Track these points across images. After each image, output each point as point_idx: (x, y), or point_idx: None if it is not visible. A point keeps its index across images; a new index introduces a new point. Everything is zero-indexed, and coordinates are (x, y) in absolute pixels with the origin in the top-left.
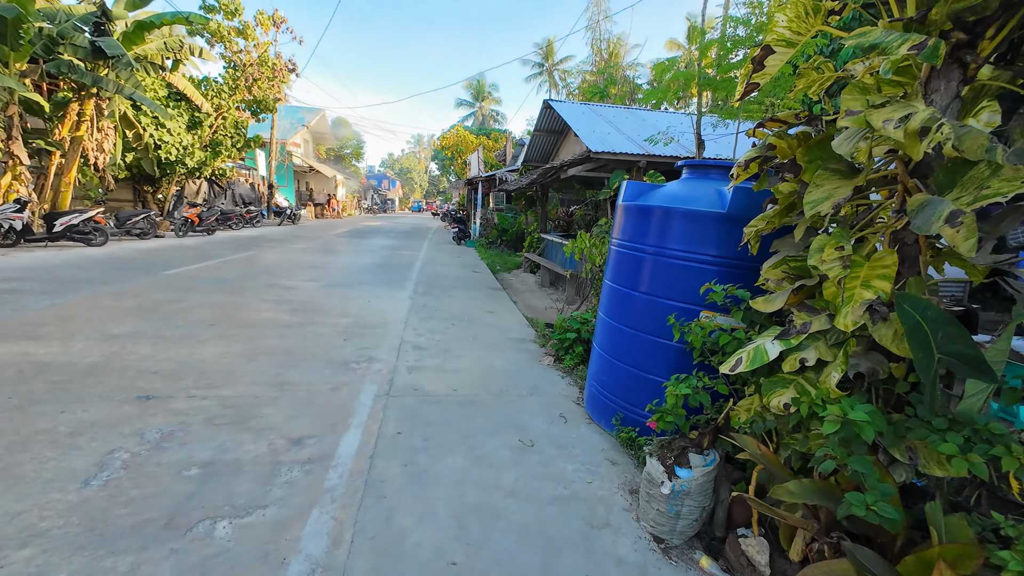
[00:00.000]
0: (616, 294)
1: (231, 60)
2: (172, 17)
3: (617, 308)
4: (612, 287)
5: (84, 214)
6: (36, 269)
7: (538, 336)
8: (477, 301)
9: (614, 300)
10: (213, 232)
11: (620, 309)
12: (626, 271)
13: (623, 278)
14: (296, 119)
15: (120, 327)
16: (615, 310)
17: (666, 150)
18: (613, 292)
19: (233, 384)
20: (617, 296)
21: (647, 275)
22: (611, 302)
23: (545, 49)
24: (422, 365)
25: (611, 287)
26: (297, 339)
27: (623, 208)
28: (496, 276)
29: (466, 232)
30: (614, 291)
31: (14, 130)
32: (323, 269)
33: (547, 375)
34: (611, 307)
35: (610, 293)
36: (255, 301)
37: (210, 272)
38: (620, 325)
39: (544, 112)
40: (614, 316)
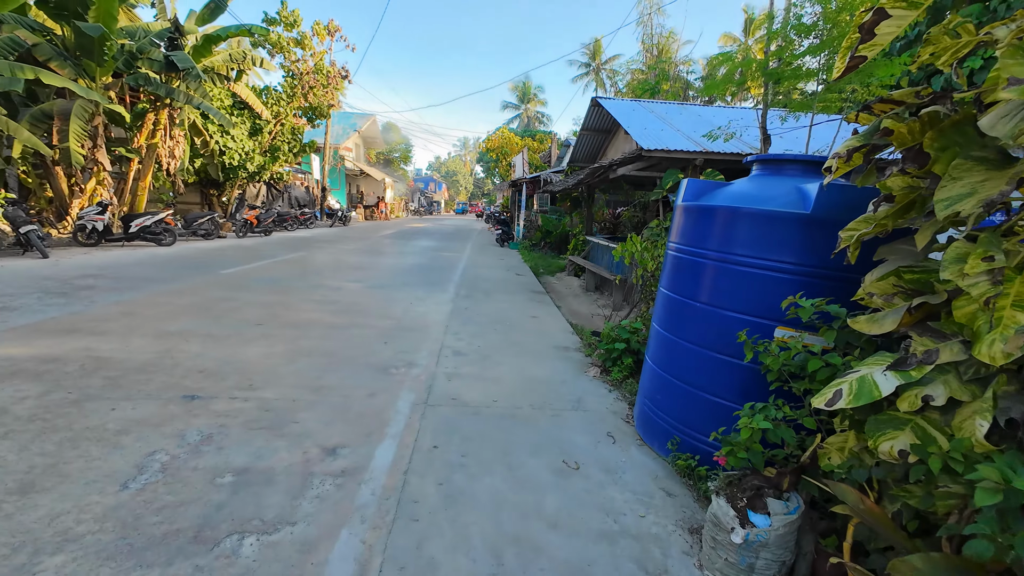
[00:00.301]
0: (672, 303)
1: (289, 69)
2: (236, 30)
3: (673, 319)
4: (668, 295)
5: (156, 216)
6: (111, 267)
7: (583, 345)
8: (519, 305)
9: (670, 310)
10: (270, 233)
11: (677, 320)
12: (684, 278)
13: (681, 286)
14: (348, 124)
15: (175, 324)
16: (671, 321)
17: (726, 147)
18: (669, 301)
19: (274, 386)
20: (673, 306)
21: (709, 283)
22: (666, 312)
23: (592, 48)
24: (461, 372)
25: (666, 295)
26: (339, 341)
27: (682, 209)
28: (539, 279)
29: (509, 234)
30: (670, 300)
31: (99, 139)
32: (368, 270)
33: (593, 388)
34: (666, 317)
35: (665, 302)
36: (301, 301)
37: (262, 272)
38: (677, 338)
39: (591, 110)
40: (670, 328)
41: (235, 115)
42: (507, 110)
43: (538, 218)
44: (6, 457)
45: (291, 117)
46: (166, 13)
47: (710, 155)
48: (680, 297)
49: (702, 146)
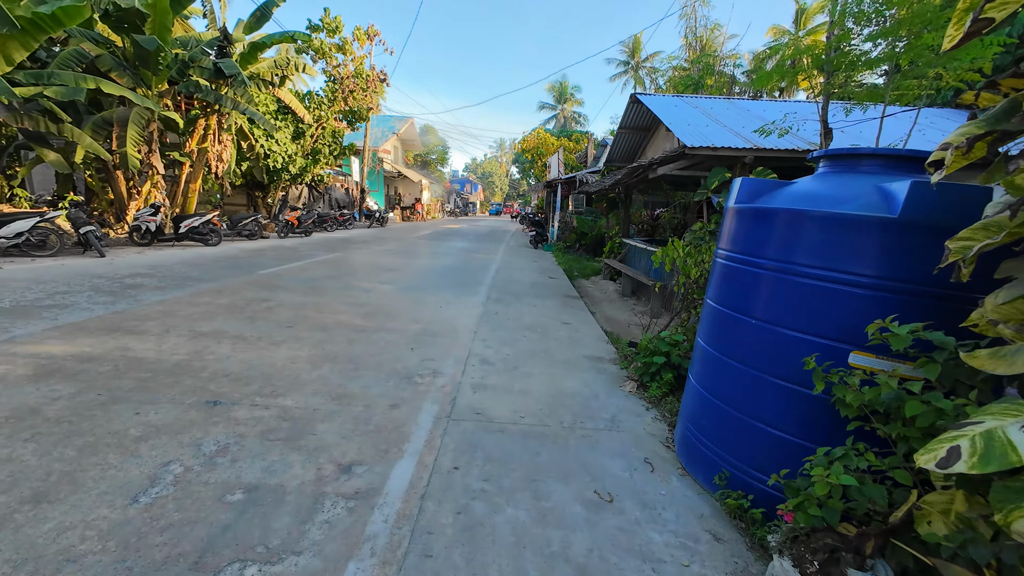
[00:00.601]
0: (721, 318)
1: (331, 74)
2: (280, 36)
3: (722, 335)
4: (715, 308)
5: (203, 217)
6: (159, 266)
7: (619, 356)
8: (551, 310)
9: (718, 325)
10: (310, 234)
11: (726, 337)
12: (736, 290)
13: (731, 298)
14: (387, 127)
15: (209, 325)
16: (719, 337)
17: (780, 143)
18: (716, 315)
19: (295, 393)
20: (722, 320)
21: (766, 297)
22: (714, 327)
23: (631, 46)
24: (488, 383)
25: (714, 308)
26: (365, 346)
27: (734, 212)
28: (573, 283)
29: (543, 235)
30: (718, 314)
31: (153, 144)
32: (401, 271)
33: (628, 405)
34: (714, 333)
35: (712, 316)
36: (333, 302)
37: (298, 272)
38: (725, 357)
39: (630, 107)
40: (718, 345)
41: (279, 119)
42: (543, 110)
43: (573, 219)
44: (28, 462)
45: (332, 120)
46: (216, 23)
47: (761, 152)
48: (730, 311)
49: (752, 142)
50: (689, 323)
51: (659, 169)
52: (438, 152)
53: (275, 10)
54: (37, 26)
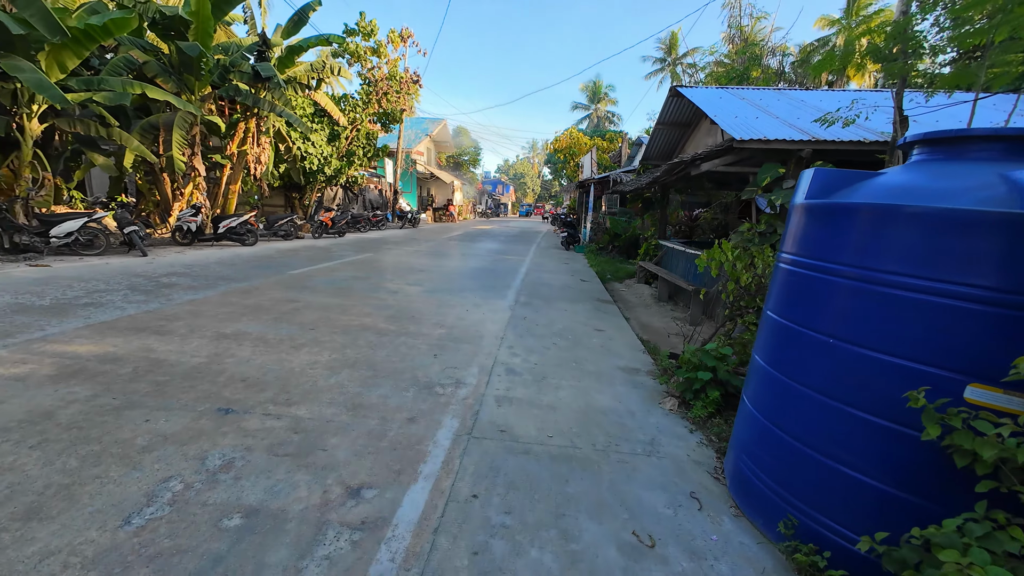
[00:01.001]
0: (784, 333)
1: (366, 77)
2: (316, 40)
3: (786, 353)
4: (777, 322)
5: (240, 218)
6: (196, 265)
7: (656, 369)
8: (583, 316)
9: (780, 341)
10: (343, 234)
11: (792, 356)
12: (804, 301)
13: (798, 311)
14: (420, 129)
15: (233, 326)
16: (782, 356)
17: (843, 134)
18: (779, 329)
19: (310, 402)
20: (786, 336)
21: (844, 311)
22: (775, 343)
23: (668, 42)
24: (513, 396)
25: (775, 322)
26: (386, 351)
27: (803, 210)
28: (606, 286)
29: (575, 237)
30: (780, 328)
31: (196, 147)
32: (429, 273)
33: (669, 425)
34: (775, 350)
35: (773, 330)
36: (358, 304)
37: (328, 273)
38: (791, 380)
39: (669, 101)
40: (780, 364)
41: (315, 122)
42: (576, 110)
43: (606, 220)
44: (30, 472)
45: (366, 123)
46: (256, 28)
47: (821, 145)
48: (796, 326)
49: (810, 134)
50: (735, 333)
51: (702, 165)
52: (470, 153)
53: (312, 14)
54: (88, 35)
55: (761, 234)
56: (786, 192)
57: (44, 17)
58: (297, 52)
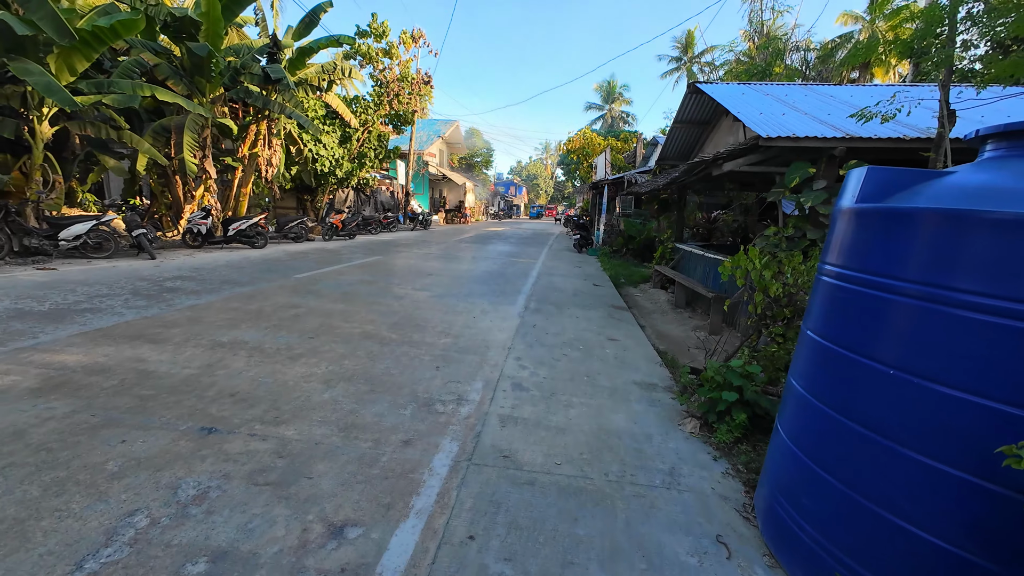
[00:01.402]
0: (829, 358)
1: (377, 79)
2: (327, 41)
3: (833, 384)
4: (820, 345)
5: (250, 220)
6: (202, 269)
7: (675, 384)
8: (595, 323)
9: (826, 368)
10: (354, 236)
11: (840, 387)
12: (854, 322)
13: (847, 333)
14: (432, 131)
15: (231, 334)
16: (828, 386)
17: (880, 131)
18: (823, 353)
19: (301, 420)
20: (832, 362)
21: (907, 335)
22: (818, 369)
23: (684, 41)
24: (519, 415)
25: (818, 344)
26: (387, 363)
27: (853, 215)
28: (620, 291)
29: (588, 239)
30: (824, 352)
31: (207, 149)
32: (437, 276)
33: (690, 451)
34: (818, 377)
35: (816, 353)
36: (362, 310)
37: (334, 276)
38: (837, 414)
39: (688, 99)
40: (825, 396)
41: (327, 124)
42: (591, 111)
43: (620, 222)
44: None
45: (378, 125)
46: (268, 30)
47: (857, 142)
48: (846, 351)
49: (843, 131)
50: (759, 344)
51: (725, 165)
52: (483, 155)
53: (323, 15)
54: (97, 38)
55: (789, 239)
56: (816, 194)
57: (53, 20)
58: (308, 54)
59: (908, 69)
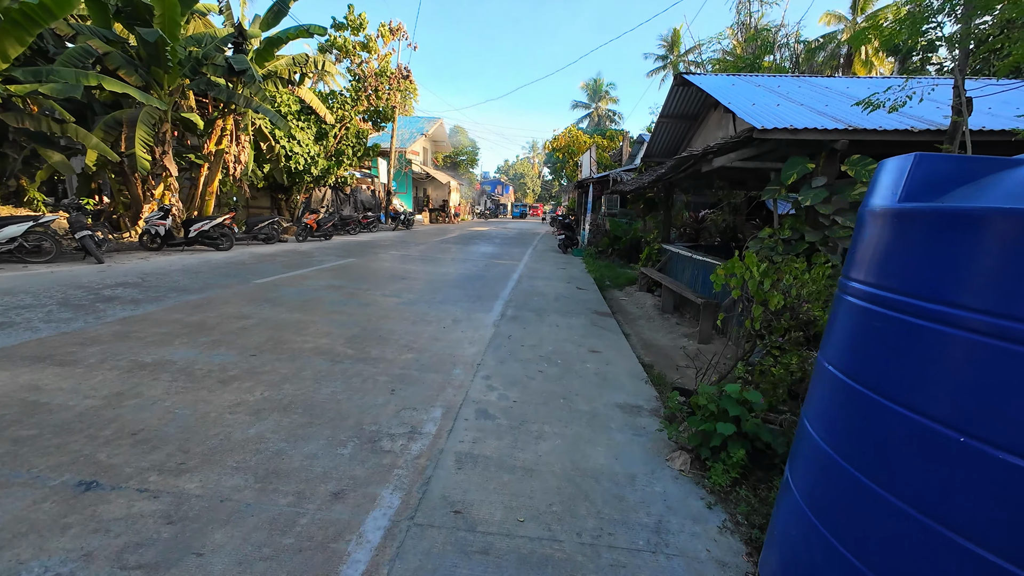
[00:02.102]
0: (859, 405)
1: (355, 73)
2: (296, 31)
3: (862, 439)
4: (846, 386)
5: (214, 220)
6: (153, 274)
7: (662, 404)
8: (577, 333)
9: (853, 415)
10: (330, 237)
11: (873, 445)
12: (899, 362)
13: (888, 376)
14: (416, 128)
15: (159, 352)
16: (855, 441)
17: (884, 122)
18: (849, 397)
19: (210, 467)
20: (864, 411)
21: (986, 389)
22: (843, 416)
23: (670, 39)
24: (480, 452)
25: (843, 385)
26: (335, 386)
27: (892, 217)
28: (604, 295)
29: (573, 239)
30: (852, 396)
31: (167, 145)
32: (412, 280)
33: (680, 497)
34: (842, 427)
35: (839, 396)
36: (320, 320)
37: (299, 281)
38: (874, 485)
39: (675, 91)
40: (853, 455)
41: (301, 120)
42: (577, 109)
43: (606, 222)
44: None
45: (356, 121)
46: (233, 19)
47: (861, 135)
48: (882, 398)
49: (845, 122)
50: (753, 357)
51: (715, 160)
52: (468, 153)
53: (293, 4)
54: (28, 18)
55: (786, 241)
56: (816, 192)
57: None
58: (277, 44)
59: (893, 70)
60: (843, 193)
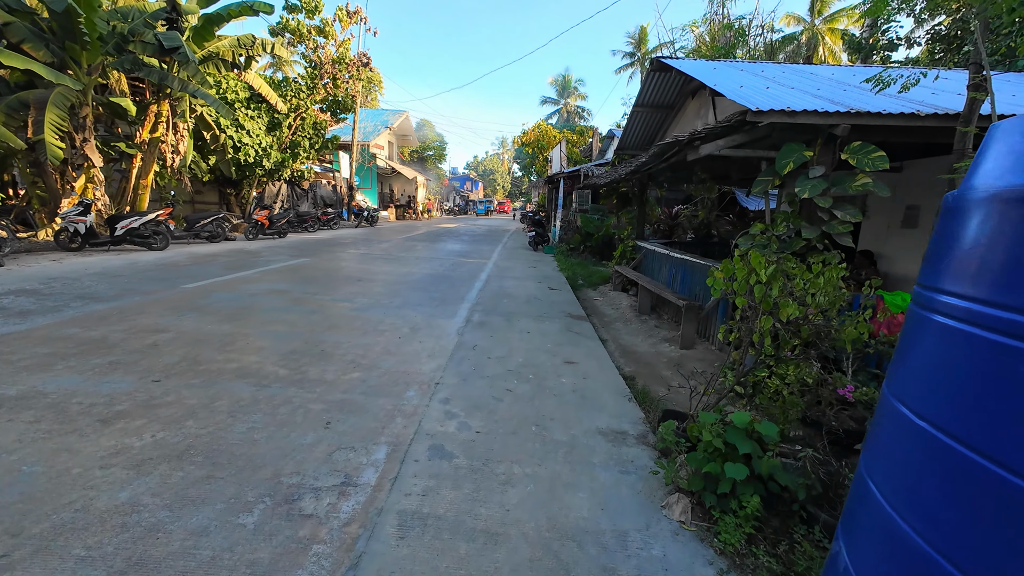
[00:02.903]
0: (966, 475)
1: (311, 59)
2: (238, 7)
3: (973, 526)
4: (940, 443)
5: (144, 217)
6: (61, 279)
7: (651, 432)
8: (551, 339)
9: (955, 490)
10: (285, 235)
11: (984, 536)
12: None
13: (1014, 439)
14: (380, 121)
15: (30, 380)
16: (960, 527)
17: (890, 105)
18: (946, 461)
19: (44, 560)
20: (974, 483)
21: None
22: (938, 489)
23: (638, 36)
24: (432, 511)
25: (934, 440)
26: (253, 420)
27: (1009, 206)
28: (578, 295)
29: (544, 236)
30: (952, 459)
31: (87, 131)
32: (369, 283)
33: (684, 561)
34: (937, 506)
35: (929, 455)
36: (252, 332)
37: (238, 285)
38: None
39: (651, 77)
40: (951, 545)
41: (251, 108)
42: (546, 105)
43: (577, 218)
44: None
45: (312, 111)
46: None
47: (865, 118)
48: (999, 468)
49: (846, 105)
50: (745, 367)
51: (702, 148)
52: (435, 148)
53: None
54: None
55: (780, 239)
56: (814, 183)
57: None
58: (217, 23)
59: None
60: (842, 184)
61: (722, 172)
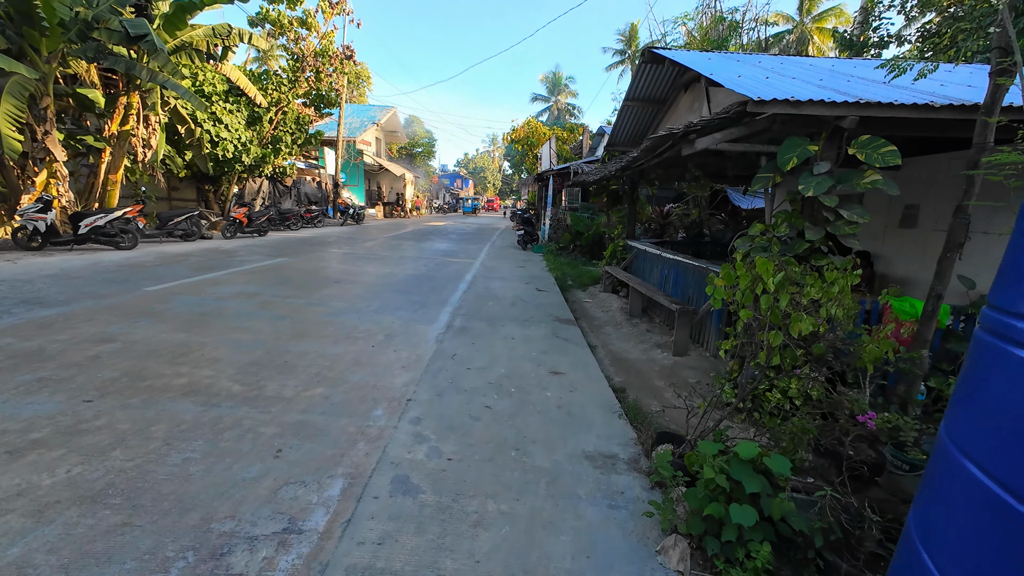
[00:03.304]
0: None
1: (292, 52)
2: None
3: None
4: (1013, 511)
5: (110, 214)
6: (10, 281)
7: (643, 458)
8: (536, 346)
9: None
10: (265, 233)
11: None
12: None
13: None
14: (367, 117)
15: None
16: None
17: (901, 96)
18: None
19: None
20: None
21: None
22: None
23: (628, 34)
24: (388, 565)
25: (1005, 507)
26: (190, 451)
27: None
28: (566, 296)
29: (533, 235)
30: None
31: (49, 124)
32: (348, 285)
33: None
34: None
35: (999, 525)
36: (212, 342)
37: (205, 288)
38: None
39: (643, 69)
40: None
41: (230, 101)
42: (537, 102)
43: (567, 217)
44: None
45: (295, 105)
46: None
47: (875, 110)
48: None
49: (855, 96)
50: (740, 377)
51: (698, 142)
52: (424, 145)
53: None
54: None
55: (782, 240)
56: (819, 180)
57: None
58: (189, 10)
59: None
60: (849, 181)
61: (716, 169)
